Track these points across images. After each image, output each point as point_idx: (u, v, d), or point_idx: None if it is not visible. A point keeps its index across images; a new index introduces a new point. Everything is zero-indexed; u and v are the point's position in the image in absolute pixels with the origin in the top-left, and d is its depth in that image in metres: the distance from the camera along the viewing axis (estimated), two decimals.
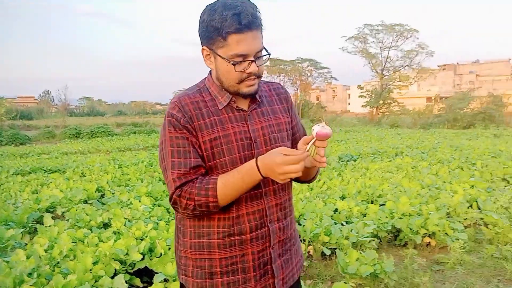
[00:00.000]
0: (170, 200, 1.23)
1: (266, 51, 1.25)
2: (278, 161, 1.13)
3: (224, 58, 1.20)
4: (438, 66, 64.91)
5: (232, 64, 1.20)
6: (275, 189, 1.34)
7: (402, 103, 40.43)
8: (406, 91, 46.56)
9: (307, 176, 1.42)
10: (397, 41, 41.21)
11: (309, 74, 51.05)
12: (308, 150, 1.19)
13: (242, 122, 1.30)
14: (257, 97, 1.35)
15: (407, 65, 41.97)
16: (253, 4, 1.21)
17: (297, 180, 1.47)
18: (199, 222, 1.30)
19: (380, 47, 41.84)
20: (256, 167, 1.17)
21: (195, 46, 1.31)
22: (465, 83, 63.27)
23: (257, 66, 1.24)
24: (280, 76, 48.95)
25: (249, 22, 1.17)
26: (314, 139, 1.19)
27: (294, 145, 1.43)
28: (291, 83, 49.30)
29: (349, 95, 69.34)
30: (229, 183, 1.19)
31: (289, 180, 1.18)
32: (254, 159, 1.19)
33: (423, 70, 41.86)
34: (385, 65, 42.24)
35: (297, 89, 49.02)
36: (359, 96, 41.69)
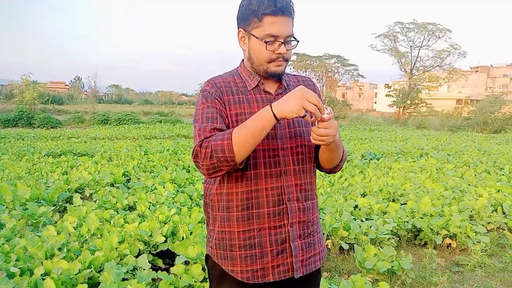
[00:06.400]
0: (192, 154, 1.29)
1: (295, 39, 1.36)
2: (300, 89, 1.21)
3: (257, 38, 1.33)
4: (471, 68, 62.87)
5: (264, 42, 1.32)
6: (295, 170, 1.40)
7: (431, 104, 39.33)
8: (435, 92, 45.32)
9: (330, 160, 1.45)
10: (428, 41, 40.00)
11: (336, 71, 50.44)
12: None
13: (268, 103, 1.36)
14: (284, 83, 1.45)
15: (437, 66, 40.73)
16: None
17: (323, 169, 1.52)
18: (223, 196, 1.38)
19: (411, 46, 40.74)
20: (269, 106, 1.23)
21: (225, 42, 1.35)
22: (498, 86, 61.10)
23: (286, 49, 1.35)
24: (306, 71, 48.54)
25: (283, 7, 1.30)
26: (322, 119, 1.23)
27: None
28: (317, 79, 48.84)
29: (375, 93, 68.14)
30: (243, 126, 1.24)
31: (304, 113, 1.19)
32: None
33: (454, 71, 40.54)
34: (414, 64, 41.14)
35: (323, 85, 48.55)
36: (386, 95, 40.77)
